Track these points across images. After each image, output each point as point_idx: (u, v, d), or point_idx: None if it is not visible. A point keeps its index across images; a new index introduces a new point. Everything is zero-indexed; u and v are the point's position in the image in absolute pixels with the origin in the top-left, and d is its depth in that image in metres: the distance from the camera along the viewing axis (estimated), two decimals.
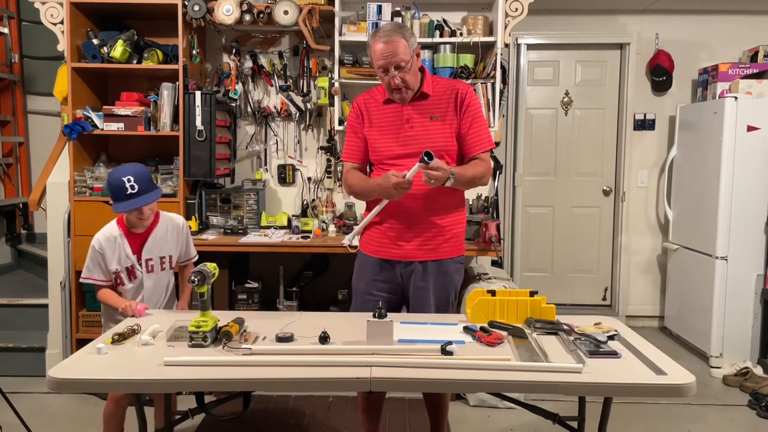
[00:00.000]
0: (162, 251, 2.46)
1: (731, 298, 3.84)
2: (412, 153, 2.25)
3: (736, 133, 3.77)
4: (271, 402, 3.28)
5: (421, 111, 2.30)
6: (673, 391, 1.68)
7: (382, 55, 2.19)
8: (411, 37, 2.24)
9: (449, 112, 2.30)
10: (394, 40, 2.18)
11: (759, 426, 3.15)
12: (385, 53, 2.18)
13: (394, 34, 2.19)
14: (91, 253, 2.40)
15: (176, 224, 2.52)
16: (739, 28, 4.56)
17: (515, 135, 4.77)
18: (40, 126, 4.70)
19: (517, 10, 3.51)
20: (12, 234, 4.63)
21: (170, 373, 1.70)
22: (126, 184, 2.27)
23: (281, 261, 3.63)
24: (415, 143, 2.27)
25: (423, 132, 2.29)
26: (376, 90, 2.41)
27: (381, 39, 2.19)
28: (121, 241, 2.40)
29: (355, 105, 2.43)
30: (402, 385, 1.82)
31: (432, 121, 2.29)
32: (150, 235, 2.43)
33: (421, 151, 2.11)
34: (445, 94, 2.31)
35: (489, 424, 3.11)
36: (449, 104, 2.30)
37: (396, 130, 2.32)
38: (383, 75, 2.23)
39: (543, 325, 2.07)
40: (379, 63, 2.21)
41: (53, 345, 3.49)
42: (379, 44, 2.19)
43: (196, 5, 3.35)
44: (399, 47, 2.18)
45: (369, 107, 2.38)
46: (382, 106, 2.35)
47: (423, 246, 2.32)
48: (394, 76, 2.20)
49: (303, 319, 2.21)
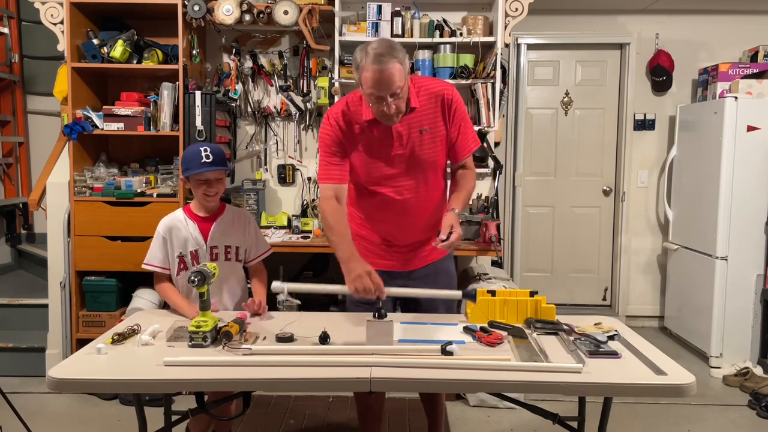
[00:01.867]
0: (227, 240, 2.40)
1: (731, 298, 3.84)
2: (402, 173, 2.16)
3: (736, 133, 3.77)
4: (271, 402, 3.28)
5: (409, 125, 2.11)
6: (673, 391, 1.68)
7: (376, 84, 1.93)
8: (405, 57, 1.99)
9: (438, 122, 2.15)
10: (389, 67, 1.91)
11: (759, 426, 3.15)
12: (380, 82, 1.93)
13: (389, 58, 1.91)
14: (155, 237, 2.37)
15: (243, 215, 2.50)
16: (739, 28, 4.56)
17: (515, 135, 4.77)
18: (40, 126, 4.70)
19: (517, 10, 3.51)
20: (12, 234, 4.63)
21: (170, 373, 1.70)
22: (202, 153, 2.27)
23: (281, 261, 3.62)
24: (406, 161, 2.15)
25: (413, 149, 2.14)
26: (352, 103, 2.15)
27: (374, 65, 1.92)
28: (186, 224, 2.37)
29: (332, 121, 2.15)
30: (402, 385, 1.82)
31: (421, 135, 2.13)
32: (216, 221, 2.39)
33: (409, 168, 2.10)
34: (431, 102, 2.13)
35: (489, 424, 3.11)
36: (437, 113, 2.14)
37: (385, 150, 2.14)
38: (375, 103, 1.99)
39: (543, 325, 2.07)
40: (371, 91, 1.96)
41: (53, 345, 3.49)
42: (373, 71, 1.92)
43: (196, 5, 3.35)
44: (395, 74, 1.93)
45: (350, 125, 2.14)
46: (366, 125, 2.12)
47: (418, 254, 2.30)
48: (389, 105, 1.97)
49: (303, 319, 2.21)
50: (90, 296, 3.42)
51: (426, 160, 2.17)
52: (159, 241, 2.37)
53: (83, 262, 3.40)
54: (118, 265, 3.36)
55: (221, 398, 2.30)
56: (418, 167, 2.17)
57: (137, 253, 3.23)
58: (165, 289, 2.39)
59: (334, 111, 2.17)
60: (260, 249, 2.51)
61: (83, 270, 3.41)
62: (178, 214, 2.41)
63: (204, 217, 2.40)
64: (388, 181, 2.18)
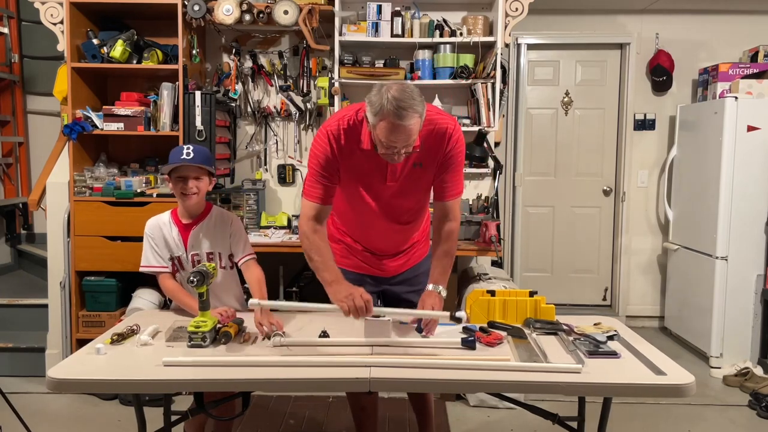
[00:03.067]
0: (208, 246, 2.33)
1: (731, 298, 3.84)
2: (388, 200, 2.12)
3: (737, 133, 3.77)
4: (271, 402, 3.28)
5: (406, 160, 2.02)
6: (673, 391, 1.68)
7: (392, 137, 1.84)
8: (424, 108, 1.88)
9: (434, 157, 2.06)
10: (411, 124, 1.82)
11: (759, 426, 3.15)
12: (397, 137, 1.84)
13: (411, 113, 1.81)
14: (144, 239, 2.33)
15: (225, 217, 2.38)
16: (739, 28, 4.56)
17: (515, 135, 4.76)
18: (40, 126, 4.70)
19: (517, 10, 3.51)
20: (12, 234, 4.63)
21: (169, 374, 1.70)
22: (184, 150, 2.24)
23: (281, 261, 3.62)
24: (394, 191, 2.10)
25: (404, 181, 2.08)
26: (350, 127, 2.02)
27: (395, 118, 1.81)
28: (170, 229, 2.32)
29: (331, 140, 2.02)
30: (401, 385, 1.82)
31: (414, 169, 2.06)
32: (195, 227, 2.32)
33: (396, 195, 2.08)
34: (431, 137, 2.02)
35: (489, 424, 3.11)
36: (435, 149, 2.05)
37: (377, 180, 2.08)
38: (385, 149, 1.90)
39: (543, 325, 2.07)
40: (385, 142, 1.87)
41: (53, 345, 3.49)
42: (393, 125, 1.82)
43: (196, 5, 3.35)
44: (414, 129, 1.85)
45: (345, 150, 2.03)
46: (362, 152, 2.02)
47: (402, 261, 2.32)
48: (400, 155, 1.91)
49: (303, 319, 2.21)
50: (90, 296, 3.42)
51: (415, 190, 2.14)
52: (147, 243, 2.34)
53: (83, 262, 3.39)
54: (118, 265, 3.36)
55: (220, 398, 2.29)
56: (408, 197, 2.16)
57: (137, 253, 3.21)
58: (171, 288, 2.32)
59: (332, 128, 2.03)
60: (246, 250, 2.38)
61: (83, 270, 3.41)
62: (164, 217, 2.36)
63: (186, 223, 2.33)
64: (377, 206, 2.15)
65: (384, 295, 2.36)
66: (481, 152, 3.50)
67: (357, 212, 2.20)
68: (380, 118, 1.84)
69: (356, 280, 2.20)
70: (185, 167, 2.24)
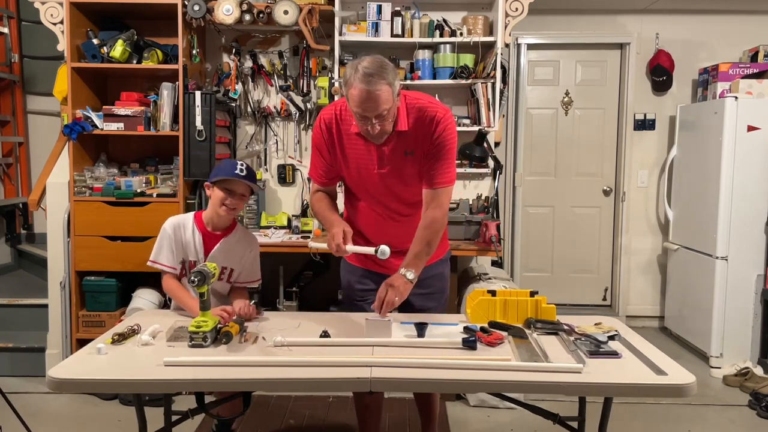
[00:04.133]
0: (226, 261, 2.36)
1: (731, 298, 3.84)
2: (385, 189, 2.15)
3: (737, 133, 3.77)
4: (271, 402, 3.28)
5: (395, 146, 2.08)
6: (673, 391, 1.68)
7: (362, 103, 1.91)
8: (395, 79, 1.95)
9: (424, 145, 2.09)
10: (377, 89, 1.89)
11: (759, 426, 3.15)
12: (367, 102, 1.91)
13: (378, 80, 1.88)
14: (161, 234, 2.33)
15: (248, 238, 2.44)
16: (739, 28, 4.56)
17: (515, 135, 4.76)
18: (40, 126, 4.70)
19: (517, 10, 3.51)
20: (12, 234, 4.63)
21: (170, 374, 1.70)
22: (238, 165, 2.27)
23: (281, 261, 3.62)
24: (388, 179, 2.14)
25: (395, 170, 2.12)
26: (344, 111, 2.11)
27: (362, 84, 1.89)
28: (193, 233, 2.32)
29: (322, 124, 2.15)
30: (402, 385, 1.82)
31: (405, 157, 2.10)
32: (221, 241, 2.34)
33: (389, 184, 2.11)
34: (421, 124, 2.07)
35: (489, 424, 3.11)
36: (425, 136, 2.07)
37: (368, 166, 2.13)
38: (360, 121, 1.99)
39: (543, 325, 2.07)
40: (357, 110, 1.95)
41: (53, 345, 3.49)
42: (360, 90, 1.90)
43: (196, 5, 3.35)
44: (381, 96, 1.90)
45: (340, 133, 2.13)
46: (354, 137, 2.11)
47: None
48: (374, 126, 1.96)
49: (303, 319, 2.21)
50: (90, 296, 3.41)
51: (409, 180, 2.14)
52: (166, 239, 2.32)
53: (83, 262, 3.39)
54: (118, 265, 3.36)
55: (221, 399, 2.29)
56: (405, 187, 2.16)
57: (137, 253, 3.23)
58: (174, 289, 2.32)
59: (326, 115, 2.15)
60: (251, 277, 2.46)
61: (83, 270, 3.41)
62: (188, 218, 2.37)
63: (212, 232, 2.35)
64: (373, 196, 2.19)
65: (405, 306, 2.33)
66: (481, 152, 3.50)
67: (361, 205, 2.25)
68: (350, 87, 1.93)
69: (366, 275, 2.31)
70: (237, 182, 2.27)
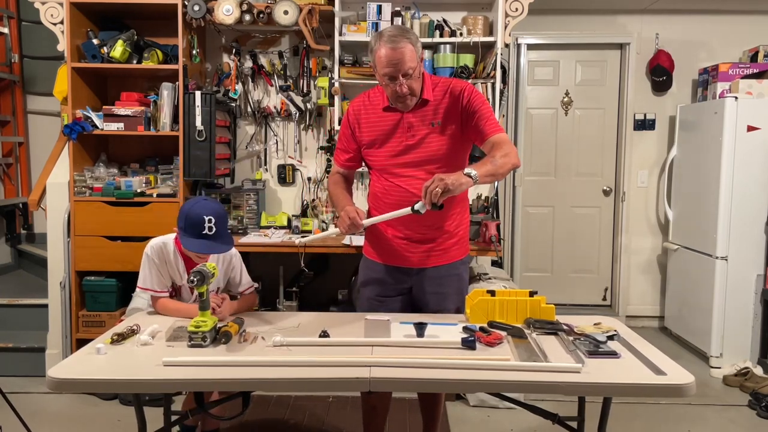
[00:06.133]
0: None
1: (731, 298, 3.84)
2: (411, 162, 2.20)
3: (736, 133, 3.77)
4: (271, 402, 3.28)
5: (421, 118, 2.20)
6: (673, 391, 1.68)
7: (389, 62, 2.06)
8: (417, 41, 2.11)
9: (450, 116, 2.19)
10: (401, 46, 2.04)
11: (759, 426, 3.15)
12: (393, 60, 2.05)
13: (401, 39, 2.05)
14: (147, 260, 2.28)
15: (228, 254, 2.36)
16: (739, 28, 4.56)
17: (515, 135, 4.76)
18: (40, 126, 4.70)
19: (517, 10, 3.51)
20: (12, 234, 4.63)
21: (169, 374, 1.70)
22: (205, 223, 2.16)
23: (281, 261, 3.63)
24: (415, 152, 2.21)
25: (422, 141, 2.20)
26: (373, 94, 2.29)
27: (387, 44, 2.05)
28: (176, 260, 2.30)
29: (351, 111, 2.31)
30: (402, 385, 1.82)
31: (432, 128, 2.20)
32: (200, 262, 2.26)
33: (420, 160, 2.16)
34: (445, 97, 2.20)
35: (489, 424, 3.11)
36: (450, 108, 2.19)
37: (397, 139, 2.22)
38: (389, 83, 2.10)
39: (542, 325, 2.07)
40: (385, 71, 2.08)
41: (53, 345, 3.49)
42: (386, 50, 2.05)
43: (196, 5, 3.35)
44: (406, 53, 2.05)
45: (368, 114, 2.26)
46: (382, 113, 2.24)
47: (432, 251, 2.29)
48: (402, 84, 2.08)
49: (303, 319, 2.21)
50: (90, 296, 3.42)
51: (436, 153, 2.20)
52: (151, 266, 2.28)
53: (83, 262, 3.40)
54: (118, 265, 3.37)
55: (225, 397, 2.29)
56: (429, 160, 2.21)
57: (137, 254, 3.20)
58: (165, 305, 2.28)
59: (356, 101, 2.33)
60: (243, 286, 2.41)
61: (83, 270, 3.42)
62: (169, 245, 2.31)
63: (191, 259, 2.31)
64: (401, 170, 2.23)
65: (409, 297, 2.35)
66: (481, 152, 3.49)
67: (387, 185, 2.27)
68: (375, 51, 2.09)
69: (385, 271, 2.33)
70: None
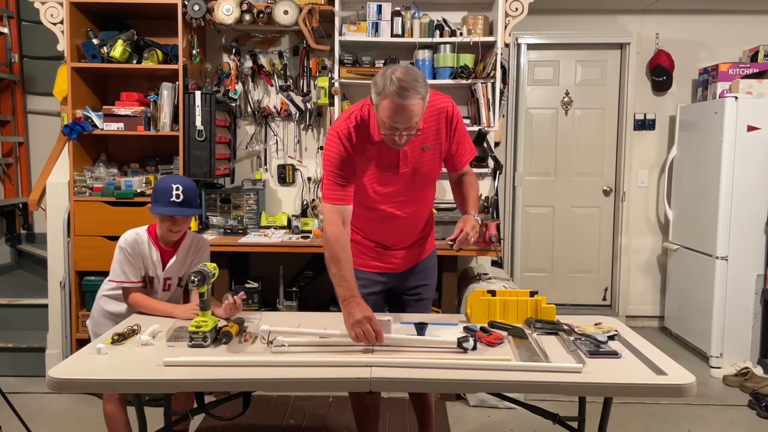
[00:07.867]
0: (181, 272, 2.42)
1: (731, 298, 3.84)
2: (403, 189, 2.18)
3: (736, 133, 3.77)
4: (271, 402, 3.28)
5: (413, 144, 2.09)
6: (673, 391, 1.68)
7: (394, 116, 1.90)
8: (427, 93, 1.95)
9: (439, 138, 2.15)
10: (411, 104, 1.88)
11: (759, 426, 3.15)
12: (400, 115, 1.90)
13: (413, 94, 1.87)
14: (120, 253, 2.30)
15: (199, 243, 2.45)
16: (739, 28, 4.56)
17: (515, 135, 4.76)
18: (40, 126, 4.69)
19: (517, 10, 3.51)
20: (12, 234, 4.63)
21: (170, 374, 1.70)
22: (173, 191, 2.23)
23: (281, 261, 3.63)
24: (408, 178, 2.16)
25: (415, 166, 2.15)
26: (362, 121, 2.09)
27: (396, 97, 1.87)
28: (150, 250, 2.33)
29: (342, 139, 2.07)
30: (402, 385, 1.82)
31: (423, 152, 2.14)
32: (174, 254, 2.38)
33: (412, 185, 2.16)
34: (433, 118, 2.11)
35: (489, 424, 3.11)
36: (438, 130, 2.14)
37: (391, 169, 2.13)
38: (388, 132, 1.96)
39: (543, 325, 2.07)
40: (388, 122, 1.92)
41: (53, 345, 3.49)
42: (394, 103, 1.88)
43: (196, 5, 3.35)
44: (414, 110, 1.90)
45: (363, 143, 2.10)
46: (375, 144, 2.09)
47: (411, 254, 2.35)
48: (401, 136, 1.96)
49: (303, 319, 2.21)
50: (90, 296, 3.41)
51: (426, 175, 2.20)
52: (123, 257, 2.30)
53: (83, 262, 3.40)
54: None
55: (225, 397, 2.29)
56: (418, 183, 2.20)
57: None
58: (139, 299, 2.30)
59: (342, 128, 2.08)
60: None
61: (83, 270, 3.41)
62: (142, 235, 2.34)
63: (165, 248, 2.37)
64: (391, 197, 2.19)
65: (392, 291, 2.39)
66: (481, 152, 3.51)
67: (369, 207, 2.22)
68: (383, 97, 1.90)
69: (366, 279, 2.28)
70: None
